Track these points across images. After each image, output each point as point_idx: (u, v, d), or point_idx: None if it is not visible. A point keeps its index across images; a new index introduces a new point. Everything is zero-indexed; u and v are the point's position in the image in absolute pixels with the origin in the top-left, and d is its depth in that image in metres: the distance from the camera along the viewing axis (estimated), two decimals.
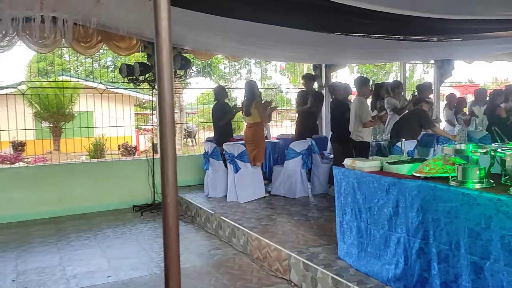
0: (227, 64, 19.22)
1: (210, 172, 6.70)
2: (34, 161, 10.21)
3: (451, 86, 13.00)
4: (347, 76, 27.73)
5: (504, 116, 7.14)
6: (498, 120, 7.10)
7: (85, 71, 15.64)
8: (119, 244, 5.36)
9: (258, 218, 5.29)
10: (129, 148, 13.88)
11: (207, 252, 4.99)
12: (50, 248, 5.24)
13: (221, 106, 7.06)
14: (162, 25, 0.88)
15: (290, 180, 6.40)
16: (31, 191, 6.66)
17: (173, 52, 0.98)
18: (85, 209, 6.97)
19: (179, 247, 1.04)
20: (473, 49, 8.26)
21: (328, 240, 4.30)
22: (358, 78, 6.36)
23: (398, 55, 8.23)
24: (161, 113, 0.90)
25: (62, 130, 14.18)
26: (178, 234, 1.01)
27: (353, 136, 6.03)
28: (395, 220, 3.16)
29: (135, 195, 7.23)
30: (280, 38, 6.28)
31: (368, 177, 3.42)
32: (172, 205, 0.93)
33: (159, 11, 0.88)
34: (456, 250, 2.67)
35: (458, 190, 2.67)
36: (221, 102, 7.09)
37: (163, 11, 0.88)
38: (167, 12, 0.88)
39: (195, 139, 18.12)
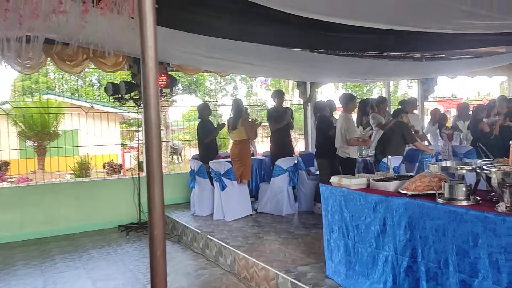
0: (213, 80, 19.28)
1: (197, 190, 6.65)
2: (18, 180, 10.02)
3: (435, 100, 13.22)
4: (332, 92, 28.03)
5: (487, 131, 7.25)
6: (482, 135, 7.22)
7: (70, 89, 15.52)
8: (105, 265, 5.26)
9: (245, 237, 5.25)
10: (114, 167, 13.73)
11: (194, 272, 4.92)
12: (34, 271, 5.10)
13: (205, 123, 7.06)
14: (148, 54, 0.88)
15: (276, 198, 6.38)
16: (15, 212, 6.52)
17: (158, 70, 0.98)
18: (70, 229, 6.83)
19: (166, 276, 1.02)
20: (455, 65, 8.45)
21: (316, 258, 4.27)
22: (343, 95, 6.42)
23: (383, 74, 8.35)
24: (148, 141, 0.89)
25: (46, 149, 13.96)
26: (165, 264, 0.99)
27: (339, 153, 6.05)
28: (382, 238, 3.16)
29: (120, 215, 7.13)
30: (265, 55, 6.34)
31: (355, 194, 3.42)
32: (160, 236, 0.91)
33: (145, 40, 0.88)
34: (445, 268, 2.67)
35: (445, 207, 2.69)
36: (205, 120, 7.08)
37: (149, 40, 0.88)
38: (154, 41, 0.88)
39: (181, 156, 18.02)
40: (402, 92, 23.75)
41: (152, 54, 0.89)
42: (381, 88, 15.50)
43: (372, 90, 23.40)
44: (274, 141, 7.11)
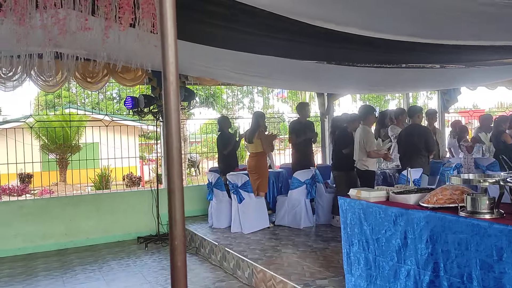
0: (230, 93, 19.43)
1: (214, 202, 6.67)
2: (41, 193, 10.22)
3: (456, 112, 13.01)
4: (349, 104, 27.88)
5: (510, 143, 7.09)
6: (504, 147, 7.06)
7: (91, 103, 15.85)
8: (124, 276, 5.30)
9: (263, 249, 5.22)
10: (133, 179, 13.89)
11: (211, 285, 4.91)
12: (55, 282, 5.18)
13: (225, 135, 7.12)
14: (170, 70, 0.90)
15: (294, 210, 6.34)
16: (37, 223, 6.65)
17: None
18: (91, 241, 6.93)
19: (187, 286, 1.03)
20: (476, 76, 8.32)
21: (334, 272, 4.23)
22: (362, 107, 6.39)
23: (401, 85, 8.29)
24: (169, 156, 0.91)
25: (68, 162, 14.25)
26: (186, 275, 1.00)
27: (358, 165, 6.00)
28: (404, 252, 3.11)
29: (139, 227, 7.20)
30: (283, 68, 6.37)
31: (374, 207, 3.39)
32: (180, 247, 0.92)
33: (167, 57, 0.90)
34: (469, 283, 2.61)
35: (467, 220, 2.63)
36: (225, 132, 7.15)
37: (170, 57, 0.90)
38: (175, 57, 0.90)
39: (198, 169, 18.12)
40: (421, 103, 23.47)
41: (173, 70, 0.92)
42: (399, 99, 15.37)
43: (389, 102, 23.19)
44: (296, 154, 7.15)
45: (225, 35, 4.95)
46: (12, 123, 12.38)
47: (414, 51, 5.63)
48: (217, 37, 5.00)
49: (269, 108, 22.20)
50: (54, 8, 2.48)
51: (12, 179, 11.80)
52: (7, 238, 6.44)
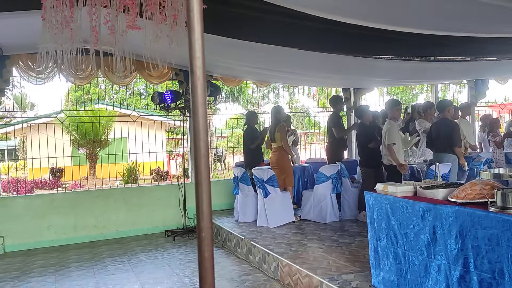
0: (255, 89, 19.45)
1: (240, 196, 6.72)
2: (72, 186, 10.54)
3: (487, 106, 12.62)
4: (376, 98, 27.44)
5: None
6: None
7: (119, 98, 16.17)
8: (152, 268, 5.42)
9: (289, 244, 5.24)
10: (161, 173, 14.14)
11: (238, 277, 4.96)
12: (86, 273, 5.34)
13: (252, 130, 7.15)
14: (196, 64, 0.92)
15: (320, 205, 6.33)
16: (69, 216, 6.87)
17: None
18: (120, 233, 7.11)
19: (214, 278, 1.05)
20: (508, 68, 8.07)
21: (360, 266, 4.21)
22: (389, 101, 6.30)
23: (428, 76, 8.12)
24: (196, 149, 0.94)
25: (97, 156, 14.62)
26: (213, 266, 1.02)
27: (384, 160, 5.93)
28: (433, 247, 3.07)
29: (167, 220, 7.34)
30: (309, 63, 6.34)
31: (401, 202, 3.35)
32: (208, 238, 0.95)
33: (194, 51, 0.92)
34: (500, 278, 2.56)
35: (498, 216, 2.58)
36: (252, 127, 7.18)
37: (197, 51, 0.92)
38: (201, 52, 0.92)
39: (224, 163, 18.26)
40: (450, 97, 22.87)
41: (200, 64, 0.94)
42: (428, 93, 15.03)
43: (417, 96, 22.69)
44: (334, 147, 7.16)
45: (250, 26, 4.96)
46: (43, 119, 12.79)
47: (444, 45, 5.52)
48: (244, 28, 5.01)
49: (294, 102, 22.08)
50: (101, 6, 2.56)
51: (44, 173, 12.21)
52: (41, 230, 6.69)
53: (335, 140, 7.12)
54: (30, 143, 6.94)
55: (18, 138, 17.27)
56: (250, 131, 7.15)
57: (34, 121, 13.58)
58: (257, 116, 7.62)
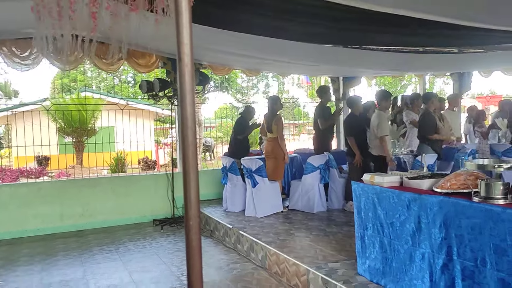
0: (245, 78, 19.36)
1: (229, 186, 6.73)
2: (58, 175, 10.43)
3: (473, 97, 12.79)
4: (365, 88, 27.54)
5: None
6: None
7: (106, 87, 15.99)
8: (140, 257, 5.42)
9: (276, 233, 5.28)
10: (149, 163, 14.06)
11: (226, 266, 4.99)
12: (73, 262, 5.32)
13: (244, 122, 7.24)
14: (184, 51, 0.92)
15: (308, 195, 6.37)
16: (55, 205, 6.81)
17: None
18: (107, 222, 7.08)
19: (201, 266, 1.06)
20: (494, 60, 8.16)
21: (347, 255, 4.26)
22: (379, 92, 6.35)
23: (415, 66, 8.18)
24: (184, 138, 0.94)
25: (84, 145, 14.48)
26: (201, 254, 1.03)
27: (371, 150, 5.99)
28: (418, 236, 3.12)
29: (155, 209, 7.32)
30: (297, 52, 6.32)
31: (387, 192, 3.39)
32: (195, 227, 0.95)
33: (181, 38, 0.92)
34: (482, 267, 2.62)
35: (481, 206, 2.63)
36: (245, 119, 7.27)
37: (185, 38, 0.92)
38: (189, 38, 0.92)
39: (213, 153, 18.24)
40: (438, 89, 23.10)
41: (188, 51, 0.93)
42: (416, 84, 15.15)
43: (406, 87, 22.87)
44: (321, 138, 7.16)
45: (238, 18, 4.93)
46: (29, 106, 12.59)
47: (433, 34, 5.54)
48: (233, 20, 4.98)
49: (284, 93, 22.07)
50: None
51: (30, 162, 12.06)
52: (27, 219, 6.62)
53: (321, 131, 7.14)
54: (15, 131, 6.83)
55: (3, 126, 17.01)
56: (242, 122, 7.21)
57: (19, 108, 13.37)
58: (254, 113, 7.65)
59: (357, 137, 6.19)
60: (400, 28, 5.21)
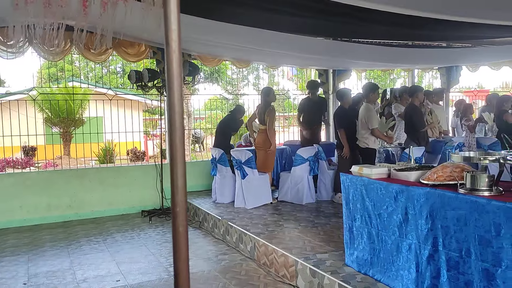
0: (235, 70, 19.27)
1: (218, 178, 6.73)
2: (45, 166, 10.32)
3: (461, 91, 12.92)
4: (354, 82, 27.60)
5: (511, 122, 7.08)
6: (506, 126, 7.06)
7: (94, 77, 15.80)
8: (128, 248, 5.40)
9: (265, 224, 5.30)
10: (137, 154, 13.98)
11: (214, 257, 5.00)
12: (60, 252, 5.29)
13: (233, 119, 7.37)
14: (172, 37, 0.90)
15: (297, 187, 6.40)
16: (42, 195, 6.75)
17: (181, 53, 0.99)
18: (95, 213, 7.04)
19: (188, 253, 1.05)
20: (481, 55, 8.24)
21: (335, 246, 4.30)
22: (366, 84, 6.37)
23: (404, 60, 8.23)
24: (171, 124, 0.93)
25: (72, 135, 14.32)
26: (188, 242, 1.02)
27: (359, 143, 6.03)
28: (405, 227, 3.16)
29: (143, 200, 7.29)
30: (287, 44, 6.31)
31: (375, 183, 3.42)
32: (182, 214, 0.95)
33: (169, 23, 0.91)
34: (467, 257, 2.66)
35: (466, 197, 2.66)
36: (234, 117, 7.37)
37: (173, 24, 0.90)
38: (177, 24, 0.91)
39: (202, 145, 18.18)
40: (426, 83, 23.24)
41: (175, 37, 0.92)
42: (405, 78, 15.23)
43: (395, 81, 22.96)
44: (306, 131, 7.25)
45: (229, 9, 4.90)
46: (15, 95, 12.40)
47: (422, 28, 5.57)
48: (221, 11, 4.95)
49: (274, 85, 22.01)
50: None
51: (16, 152, 11.90)
52: (13, 209, 6.55)
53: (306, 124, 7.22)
54: (0, 120, 6.73)
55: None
56: (231, 119, 7.31)
57: (5, 98, 13.15)
58: (244, 113, 7.76)
59: (347, 129, 6.22)
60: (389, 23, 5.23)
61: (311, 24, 5.77)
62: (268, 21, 5.46)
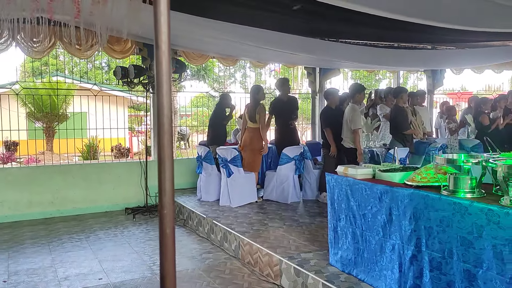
0: (222, 67, 19.22)
1: (203, 175, 6.70)
2: (27, 161, 10.13)
3: (445, 93, 13.12)
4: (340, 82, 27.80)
5: (486, 124, 7.29)
6: (481, 127, 7.27)
7: (79, 71, 15.59)
8: (111, 246, 5.35)
9: (250, 223, 5.30)
10: (122, 150, 13.84)
11: (198, 256, 4.99)
12: (41, 249, 5.21)
13: (221, 110, 7.21)
14: (162, 39, 0.90)
15: (282, 186, 6.42)
16: (24, 191, 6.63)
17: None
18: (78, 210, 6.95)
19: (175, 255, 1.05)
20: (466, 59, 8.38)
21: (319, 246, 4.33)
22: (353, 85, 6.43)
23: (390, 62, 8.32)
24: (160, 125, 0.92)
25: (55, 131, 14.11)
26: (174, 243, 1.02)
27: (344, 143, 6.08)
28: (389, 227, 3.19)
29: (127, 197, 7.22)
30: (276, 42, 6.31)
31: (360, 184, 3.45)
32: (169, 216, 0.94)
33: (159, 25, 0.90)
34: (449, 258, 2.70)
35: (449, 199, 2.70)
36: (222, 107, 7.23)
37: (163, 26, 0.90)
38: (167, 26, 0.90)
39: (188, 142, 18.10)
40: (411, 84, 23.53)
41: (165, 39, 0.91)
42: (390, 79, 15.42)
43: (380, 81, 23.20)
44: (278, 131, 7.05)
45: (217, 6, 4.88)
46: None
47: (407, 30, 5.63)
48: (208, 8, 4.92)
49: (261, 83, 21.99)
50: None
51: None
52: None
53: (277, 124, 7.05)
54: None
55: None
56: (219, 110, 7.19)
57: None
58: (231, 99, 7.55)
59: (333, 129, 6.26)
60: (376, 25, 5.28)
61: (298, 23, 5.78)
62: (254, 19, 5.45)
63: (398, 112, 6.49)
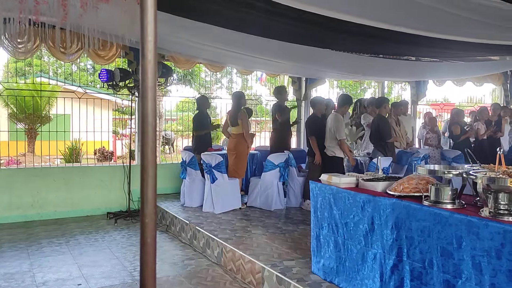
0: (208, 72, 19.20)
1: (187, 181, 6.67)
2: (7, 163, 9.94)
3: (428, 104, 13.35)
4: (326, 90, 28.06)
5: (456, 134, 7.49)
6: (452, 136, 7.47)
7: (64, 73, 15.39)
8: (91, 251, 5.27)
9: (233, 230, 5.29)
10: (105, 153, 13.68)
11: (180, 262, 4.95)
12: (20, 254, 5.10)
13: (202, 115, 7.09)
14: (148, 48, 0.90)
15: (266, 192, 6.42)
16: (3, 194, 6.50)
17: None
18: (58, 214, 6.83)
19: (155, 264, 1.04)
20: (446, 71, 8.56)
21: (302, 253, 4.33)
22: (343, 96, 6.57)
23: (376, 72, 8.42)
24: (144, 133, 0.92)
25: (37, 133, 13.88)
26: (155, 252, 1.01)
27: (326, 151, 6.13)
28: (371, 237, 3.22)
29: (110, 202, 7.14)
30: (264, 48, 6.33)
31: (343, 193, 3.47)
32: (151, 225, 0.93)
33: (146, 34, 0.90)
34: (429, 268, 2.73)
35: (430, 209, 2.74)
36: (203, 112, 7.13)
37: (149, 35, 0.90)
38: (154, 35, 0.90)
39: (173, 147, 17.99)
40: (395, 94, 23.86)
41: (151, 48, 0.91)
42: (375, 89, 15.61)
43: (365, 91, 23.47)
44: (277, 136, 7.14)
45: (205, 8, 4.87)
46: None
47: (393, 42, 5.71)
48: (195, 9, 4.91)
49: (247, 89, 22.05)
50: None
51: None
52: None
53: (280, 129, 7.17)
54: None
55: None
56: (200, 116, 7.10)
57: None
58: (209, 101, 7.54)
59: (318, 137, 6.30)
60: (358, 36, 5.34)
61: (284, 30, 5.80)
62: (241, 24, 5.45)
63: (380, 121, 6.57)
